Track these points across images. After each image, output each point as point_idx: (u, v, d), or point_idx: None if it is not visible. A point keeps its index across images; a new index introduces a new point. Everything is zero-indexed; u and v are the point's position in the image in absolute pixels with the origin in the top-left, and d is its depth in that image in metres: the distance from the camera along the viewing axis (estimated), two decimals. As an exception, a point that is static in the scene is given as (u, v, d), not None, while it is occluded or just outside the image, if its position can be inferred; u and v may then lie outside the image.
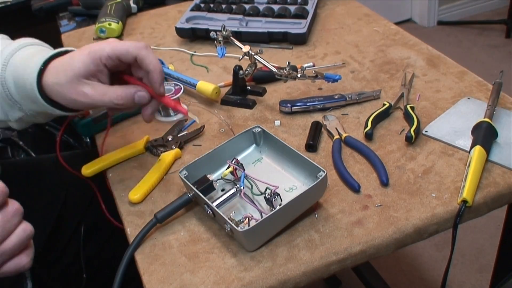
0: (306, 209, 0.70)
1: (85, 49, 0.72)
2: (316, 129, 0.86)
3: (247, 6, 1.21)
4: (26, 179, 0.99)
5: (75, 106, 0.74)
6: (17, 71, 0.73)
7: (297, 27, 1.13)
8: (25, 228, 0.57)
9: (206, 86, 0.96)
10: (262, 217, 0.67)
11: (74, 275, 0.96)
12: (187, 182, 0.72)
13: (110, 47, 0.71)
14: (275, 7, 1.20)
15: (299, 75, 0.89)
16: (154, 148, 0.87)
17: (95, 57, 0.71)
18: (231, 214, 0.68)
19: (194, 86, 0.98)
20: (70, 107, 0.75)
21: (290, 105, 0.91)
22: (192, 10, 1.23)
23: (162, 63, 1.07)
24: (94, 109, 0.92)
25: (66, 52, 0.75)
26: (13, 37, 0.83)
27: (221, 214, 0.66)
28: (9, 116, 0.78)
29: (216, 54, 0.96)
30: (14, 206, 0.56)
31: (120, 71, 0.76)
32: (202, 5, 1.24)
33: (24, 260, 0.58)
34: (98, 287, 1.02)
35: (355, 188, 0.75)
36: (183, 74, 1.02)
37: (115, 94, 0.73)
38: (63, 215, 0.95)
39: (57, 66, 0.73)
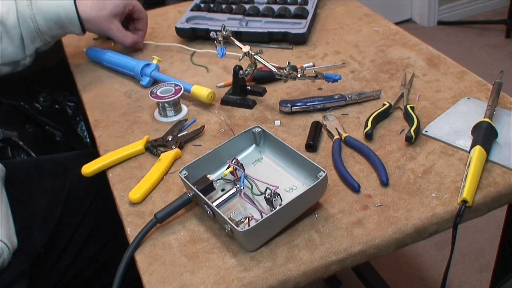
0: (306, 209, 0.71)
1: None
2: (316, 129, 0.86)
3: (247, 6, 1.21)
4: (26, 180, 0.99)
5: (98, 32, 1.11)
6: (46, 4, 0.96)
7: (297, 27, 1.13)
8: None
9: (200, 90, 0.95)
10: (262, 217, 0.67)
11: (74, 275, 0.95)
12: (187, 182, 0.72)
13: None
14: (275, 7, 1.20)
15: (299, 75, 0.89)
16: (154, 148, 0.86)
17: (126, 3, 1.04)
18: (231, 214, 0.68)
19: (189, 91, 0.97)
20: (89, 31, 1.06)
21: (290, 105, 0.91)
22: (192, 10, 1.23)
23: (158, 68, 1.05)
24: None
25: None
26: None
27: (221, 214, 0.66)
28: (27, 51, 0.99)
29: (216, 54, 0.96)
30: None
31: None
32: (202, 5, 1.24)
33: None
34: (99, 287, 1.02)
35: (355, 188, 0.75)
36: (176, 79, 1.01)
37: (132, 38, 1.09)
38: (64, 216, 0.95)
39: (88, 3, 1.00)
